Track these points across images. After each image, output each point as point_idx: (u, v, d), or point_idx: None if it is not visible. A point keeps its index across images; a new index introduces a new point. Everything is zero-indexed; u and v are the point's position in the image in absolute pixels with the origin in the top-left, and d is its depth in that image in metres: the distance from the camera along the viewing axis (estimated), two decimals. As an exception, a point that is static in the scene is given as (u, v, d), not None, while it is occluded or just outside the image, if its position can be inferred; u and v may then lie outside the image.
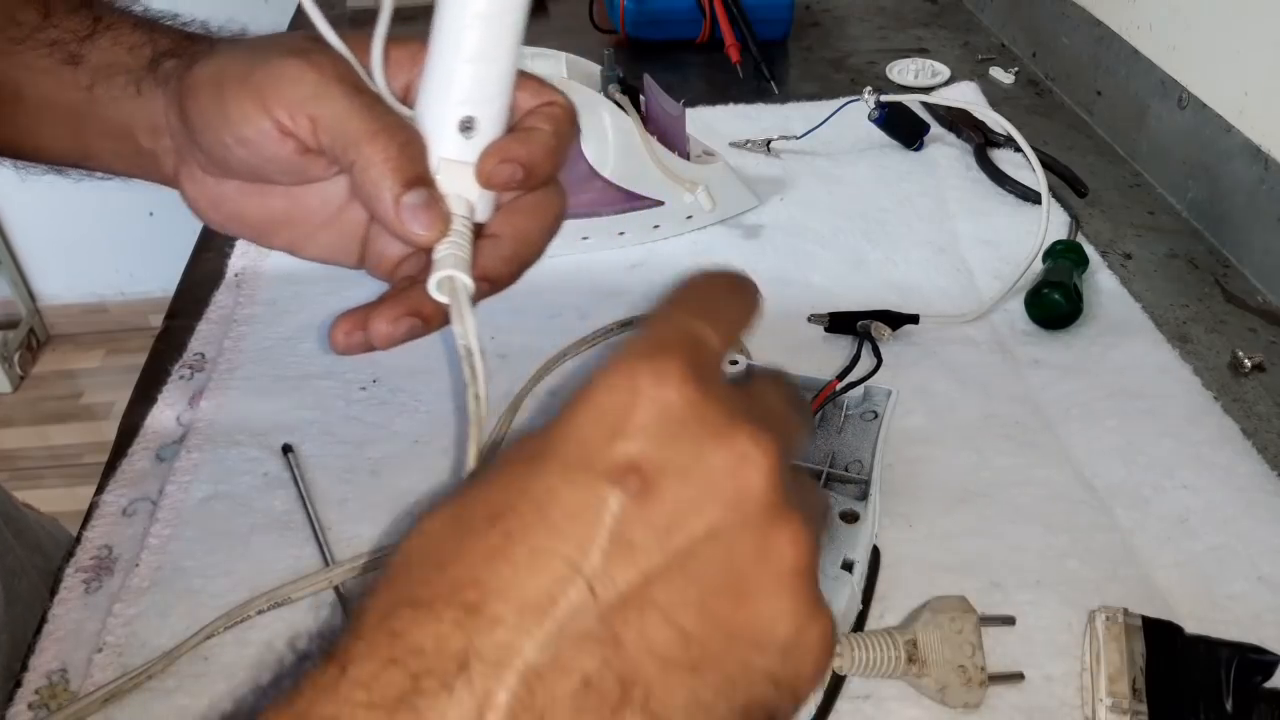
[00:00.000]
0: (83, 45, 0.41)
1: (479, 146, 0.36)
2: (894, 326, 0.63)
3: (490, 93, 0.35)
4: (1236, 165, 0.71)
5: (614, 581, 0.23)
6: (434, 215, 0.35)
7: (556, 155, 0.37)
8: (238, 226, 0.41)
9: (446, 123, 0.36)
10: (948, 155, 0.83)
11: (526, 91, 0.38)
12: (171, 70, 0.39)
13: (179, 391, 0.62)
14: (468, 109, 0.35)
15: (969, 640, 0.42)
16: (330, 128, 0.35)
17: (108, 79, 0.40)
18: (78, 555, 0.52)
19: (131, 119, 0.40)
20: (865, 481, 0.51)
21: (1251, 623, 0.46)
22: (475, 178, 0.36)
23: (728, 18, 0.99)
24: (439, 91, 0.35)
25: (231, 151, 0.37)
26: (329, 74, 0.36)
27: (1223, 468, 0.54)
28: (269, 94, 0.35)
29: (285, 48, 0.36)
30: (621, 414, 0.24)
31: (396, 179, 0.35)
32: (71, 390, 2.18)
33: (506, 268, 0.37)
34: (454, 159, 0.36)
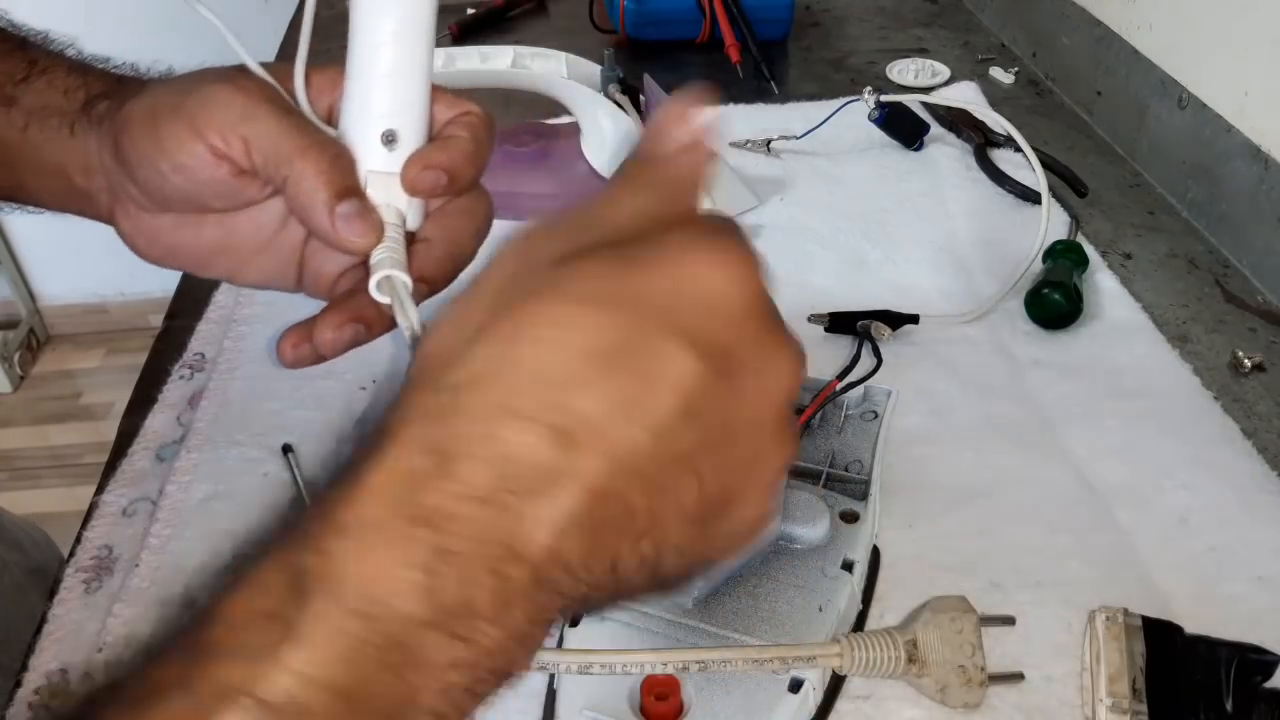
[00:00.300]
0: (17, 88, 0.42)
1: (402, 157, 0.38)
2: (894, 326, 0.63)
3: (408, 104, 0.38)
4: (1236, 165, 0.71)
5: (678, 439, 0.26)
6: (368, 222, 0.37)
7: (477, 160, 0.39)
8: (174, 259, 0.43)
9: (370, 137, 0.38)
10: (948, 155, 0.83)
11: (442, 104, 0.40)
12: (104, 111, 0.41)
13: (179, 391, 0.62)
14: (388, 122, 0.38)
15: (969, 640, 0.42)
16: (262, 147, 0.37)
17: (41, 120, 0.42)
18: (78, 555, 0.52)
19: (65, 159, 0.42)
20: (865, 481, 0.51)
21: (1251, 623, 0.46)
22: (401, 186, 0.38)
23: (728, 18, 0.99)
24: (360, 108, 0.38)
25: (168, 180, 0.38)
26: (257, 96, 0.37)
27: (1223, 468, 0.54)
28: (200, 119, 0.37)
29: (214, 76, 0.38)
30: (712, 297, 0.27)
31: (329, 190, 0.36)
32: (71, 390, 2.18)
33: (440, 269, 0.39)
34: (380, 170, 0.38)
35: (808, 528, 0.46)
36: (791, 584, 0.45)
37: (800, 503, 0.47)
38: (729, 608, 0.44)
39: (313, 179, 0.37)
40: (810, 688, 0.41)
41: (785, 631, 0.43)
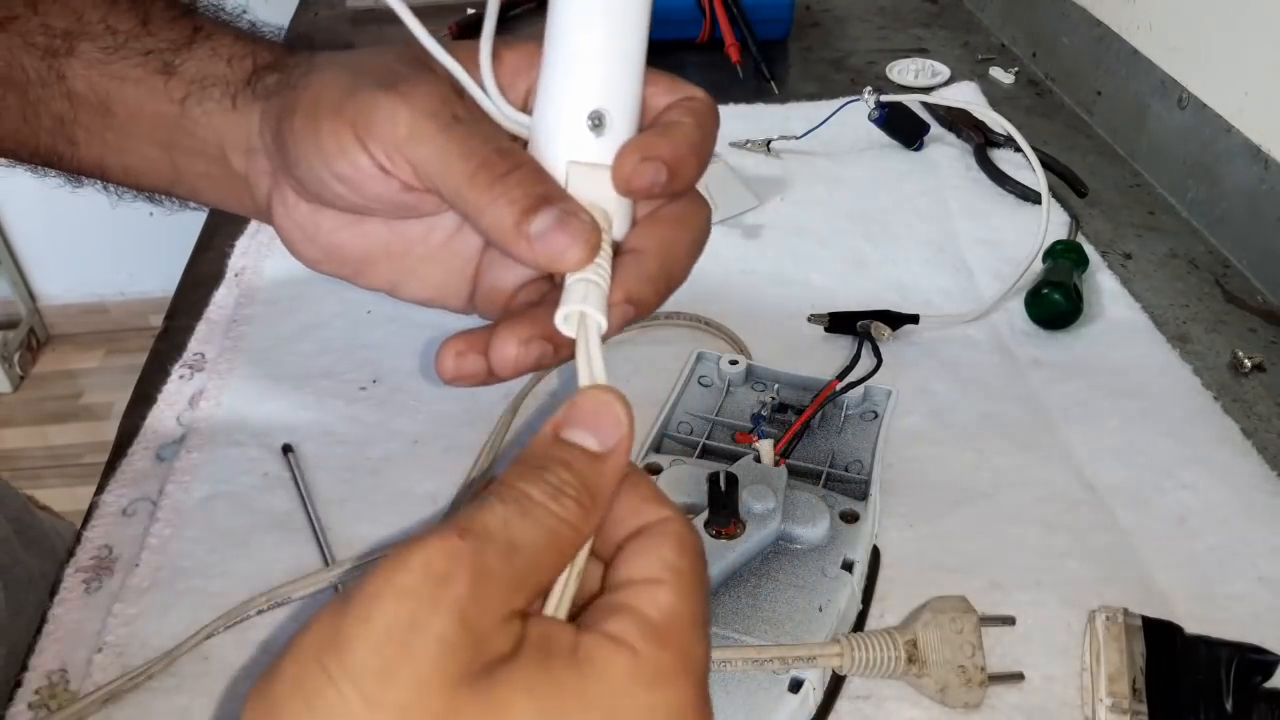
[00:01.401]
0: (178, 54, 0.38)
1: (613, 146, 0.31)
2: (894, 326, 0.63)
3: (622, 81, 0.31)
4: (1236, 165, 0.71)
5: None
6: (572, 231, 0.30)
7: (701, 153, 0.32)
8: (332, 263, 0.38)
9: (574, 120, 0.31)
10: (948, 155, 0.83)
11: (659, 87, 0.33)
12: (272, 86, 0.37)
13: (179, 391, 0.62)
14: (597, 101, 0.30)
15: (969, 640, 0.42)
16: (429, 172, 0.32)
17: (201, 91, 0.38)
18: (78, 555, 0.52)
19: (224, 136, 0.38)
20: (865, 481, 0.51)
21: (1251, 623, 0.46)
22: (612, 182, 0.31)
23: (728, 18, 0.99)
24: (562, 86, 0.31)
25: (328, 185, 0.34)
26: (422, 109, 0.32)
27: (1223, 468, 0.54)
28: (363, 130, 0.32)
29: (378, 78, 0.33)
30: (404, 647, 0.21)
31: (513, 210, 0.30)
32: (71, 390, 2.18)
33: (652, 288, 0.32)
34: (585, 161, 0.31)
35: (808, 528, 0.46)
36: (791, 584, 0.45)
37: (800, 503, 0.47)
38: (729, 608, 0.44)
39: (490, 206, 0.30)
40: (810, 688, 0.41)
41: (785, 631, 0.43)
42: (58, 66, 0.39)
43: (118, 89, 0.39)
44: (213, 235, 0.77)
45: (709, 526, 0.45)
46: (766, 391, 0.57)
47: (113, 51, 0.39)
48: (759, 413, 0.55)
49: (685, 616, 0.24)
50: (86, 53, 0.39)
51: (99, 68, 0.39)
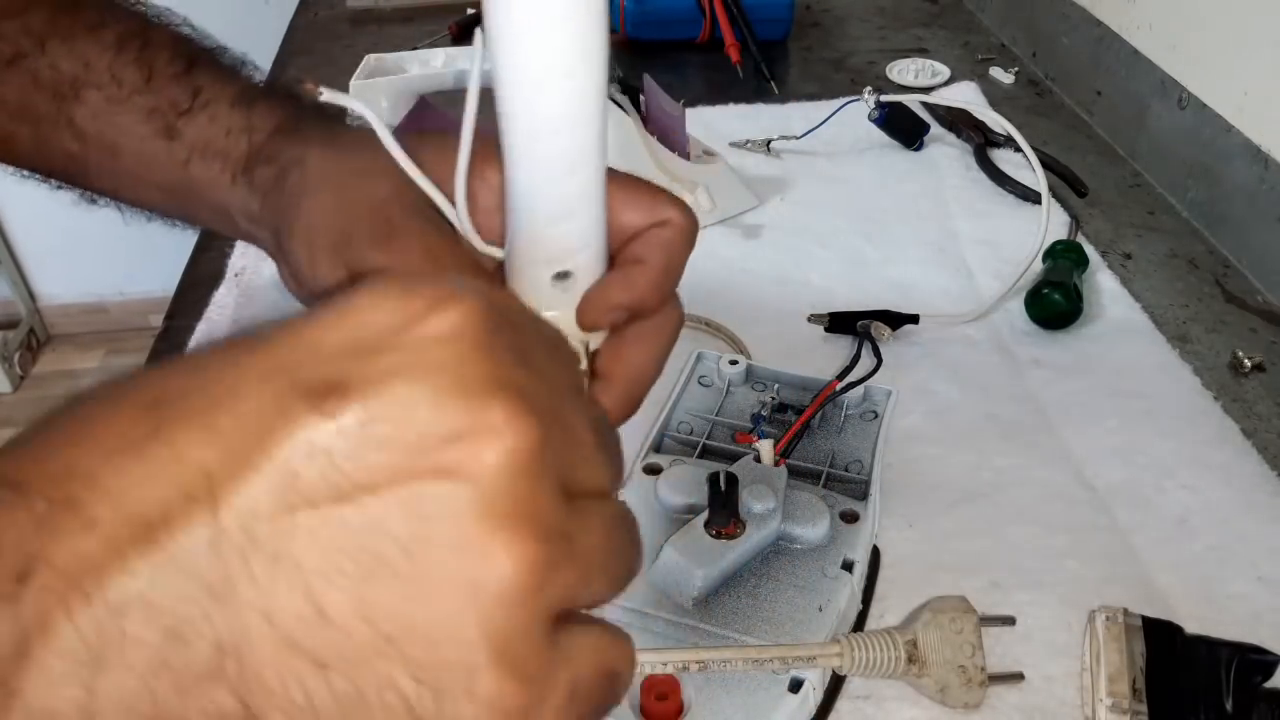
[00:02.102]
0: (180, 119, 0.40)
1: (578, 294, 0.33)
2: (894, 326, 0.62)
3: (581, 243, 0.32)
4: (1236, 165, 0.71)
5: (255, 518, 0.18)
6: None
7: (665, 287, 0.34)
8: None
9: (540, 282, 0.33)
10: (948, 155, 0.83)
11: (635, 210, 0.34)
12: (268, 182, 0.39)
13: (179, 391, 0.62)
14: (558, 265, 0.32)
15: (969, 640, 0.42)
16: None
17: (203, 159, 0.40)
18: (78, 555, 0.52)
19: (228, 203, 0.40)
20: (865, 481, 0.51)
21: (1251, 623, 0.46)
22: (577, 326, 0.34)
23: (728, 18, 0.99)
24: (525, 251, 0.33)
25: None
26: (414, 265, 0.34)
27: (1223, 468, 0.54)
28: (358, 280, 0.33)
29: (370, 226, 0.34)
30: (364, 327, 0.20)
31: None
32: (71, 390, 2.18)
33: (620, 409, 0.35)
34: (553, 312, 0.33)
35: (808, 528, 0.46)
36: (791, 584, 0.45)
37: (800, 503, 0.47)
38: (729, 608, 0.44)
39: None
40: (810, 688, 0.41)
41: (785, 631, 0.43)
42: (66, 110, 0.41)
43: (124, 140, 0.41)
44: (213, 235, 0.77)
45: (709, 526, 0.45)
46: (766, 391, 0.57)
47: (117, 103, 0.41)
48: (759, 413, 0.55)
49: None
50: (92, 100, 0.41)
51: (105, 118, 0.41)
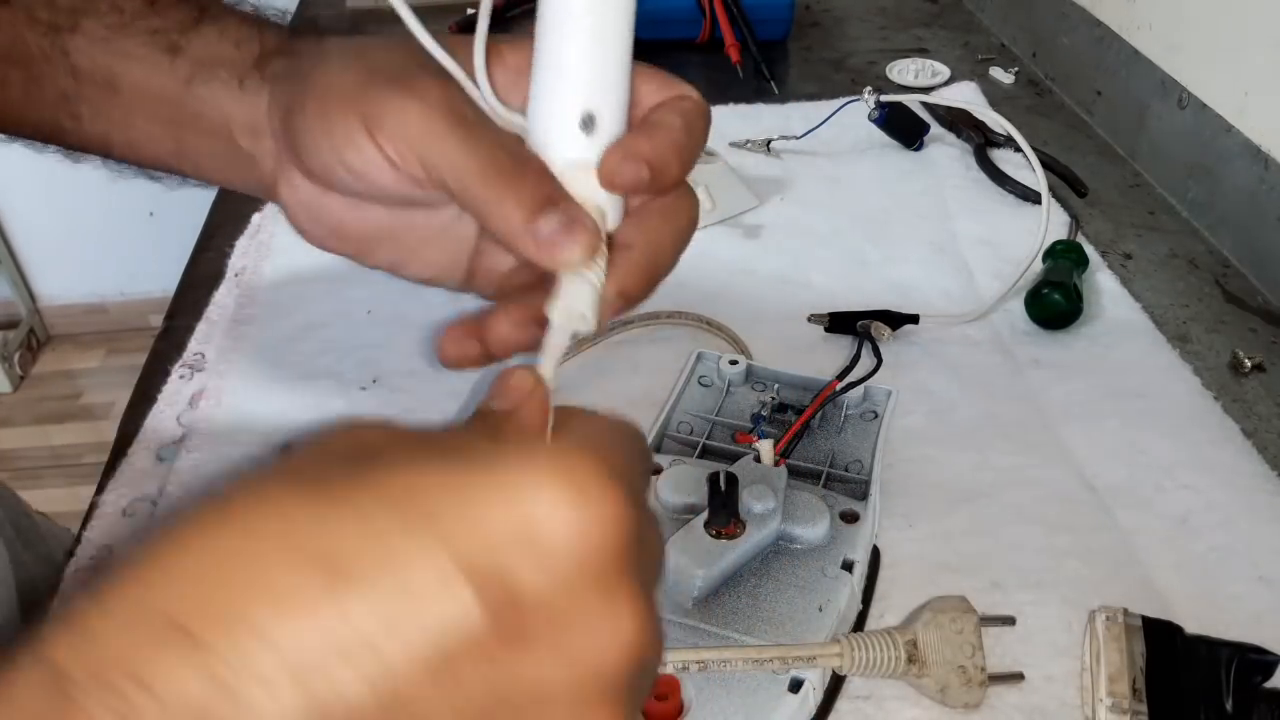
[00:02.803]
0: (185, 36, 0.38)
1: (603, 144, 0.33)
2: (894, 326, 0.62)
3: (610, 83, 0.32)
4: (1236, 165, 0.71)
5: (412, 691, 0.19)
6: (576, 231, 0.31)
7: (686, 153, 0.34)
8: (337, 242, 0.38)
9: (565, 122, 0.32)
10: (948, 155, 0.83)
11: (653, 84, 0.35)
12: (281, 70, 0.37)
13: (179, 391, 0.62)
14: (586, 104, 0.32)
15: (969, 640, 0.42)
16: (439, 169, 0.33)
17: (208, 72, 0.38)
18: (78, 555, 0.52)
19: (230, 117, 0.38)
20: (865, 481, 0.51)
21: (1251, 623, 0.46)
22: (597, 180, 0.33)
23: (728, 18, 0.99)
24: (552, 89, 0.32)
25: (337, 174, 0.35)
26: (433, 106, 0.33)
27: (1223, 468, 0.54)
28: (374, 125, 0.33)
29: (391, 75, 0.34)
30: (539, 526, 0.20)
31: (521, 211, 0.31)
32: (71, 390, 2.18)
33: (642, 280, 0.34)
34: (578, 160, 0.33)
35: (808, 528, 0.46)
36: (791, 584, 0.45)
37: (800, 503, 0.47)
38: (729, 608, 0.44)
39: (499, 203, 0.31)
40: (810, 688, 0.41)
41: (785, 631, 0.43)
42: (61, 43, 0.39)
43: (123, 66, 0.39)
44: (212, 235, 0.77)
45: (709, 526, 0.45)
46: (766, 391, 0.57)
47: (118, 29, 0.39)
48: (759, 413, 0.55)
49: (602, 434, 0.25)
50: (91, 30, 0.39)
51: (103, 45, 0.39)
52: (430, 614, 0.19)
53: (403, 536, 0.19)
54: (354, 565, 0.19)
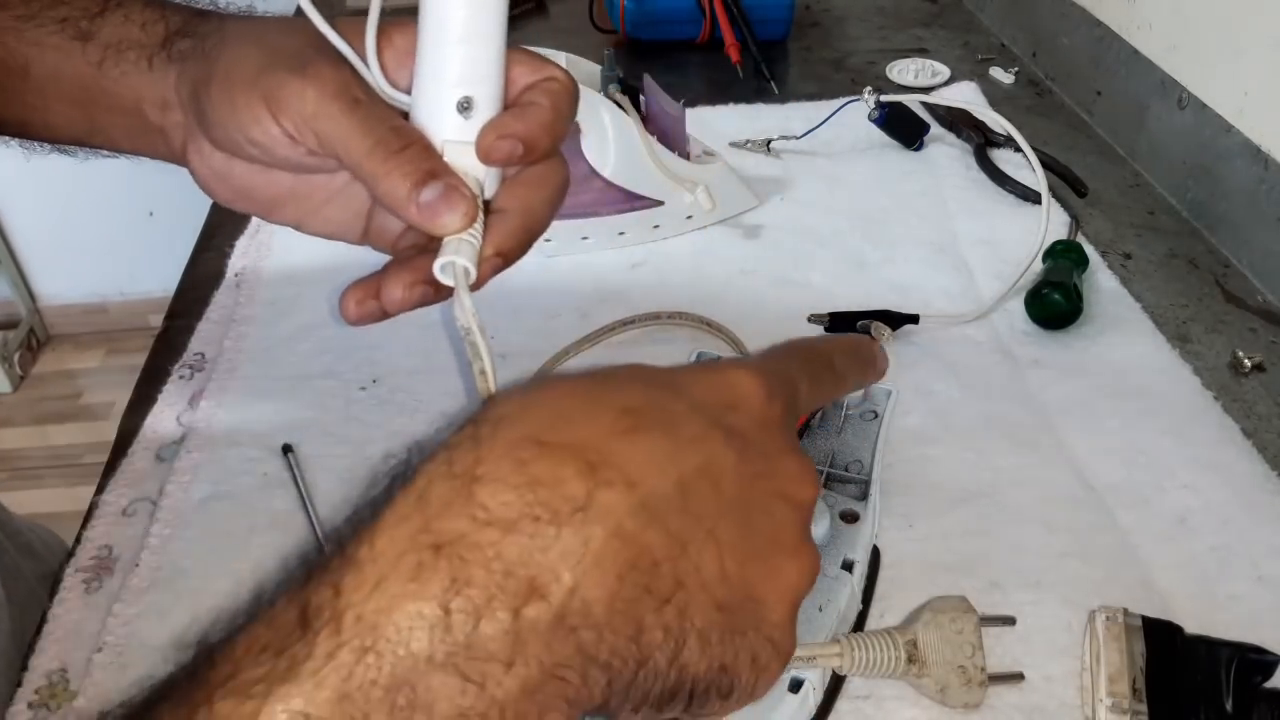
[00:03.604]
0: (93, 22, 0.41)
1: (478, 125, 0.37)
2: (894, 326, 0.63)
3: (484, 71, 0.36)
4: (1236, 165, 0.71)
5: (700, 499, 0.27)
6: (452, 202, 0.35)
7: (555, 129, 0.37)
8: (244, 202, 0.42)
9: (444, 105, 0.36)
10: (948, 155, 0.83)
11: (525, 67, 0.38)
12: (187, 50, 0.40)
13: (179, 391, 0.62)
14: (463, 89, 0.36)
15: (969, 641, 0.42)
16: (333, 145, 0.36)
17: (117, 54, 0.40)
18: (78, 555, 0.52)
19: (140, 94, 0.40)
20: (865, 481, 0.51)
21: (1251, 623, 0.46)
22: (475, 155, 0.37)
23: (728, 18, 0.99)
24: (433, 75, 0.36)
25: (242, 146, 0.38)
26: (327, 90, 0.36)
27: (1223, 468, 0.54)
28: (274, 105, 0.36)
29: (288, 58, 0.37)
30: (738, 396, 0.30)
31: (405, 182, 0.35)
32: (71, 390, 2.18)
33: (516, 241, 0.38)
34: (456, 140, 0.37)
35: (808, 528, 0.46)
36: (791, 584, 0.45)
37: (800, 503, 0.47)
38: (729, 608, 0.44)
39: (386, 177, 0.35)
40: (810, 688, 0.41)
41: (785, 631, 0.43)
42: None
43: (36, 54, 0.41)
44: (212, 235, 0.77)
45: (709, 526, 0.45)
46: (766, 391, 0.57)
47: (27, 20, 0.41)
48: (759, 413, 0.55)
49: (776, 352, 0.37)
50: (2, 20, 0.41)
51: (14, 34, 0.41)
52: (702, 447, 0.28)
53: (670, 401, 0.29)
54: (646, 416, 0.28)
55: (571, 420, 0.27)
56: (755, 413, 0.30)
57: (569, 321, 0.65)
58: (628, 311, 0.66)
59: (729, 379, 0.30)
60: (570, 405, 0.27)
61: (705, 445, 0.28)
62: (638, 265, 0.72)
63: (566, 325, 0.65)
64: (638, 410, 0.28)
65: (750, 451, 0.29)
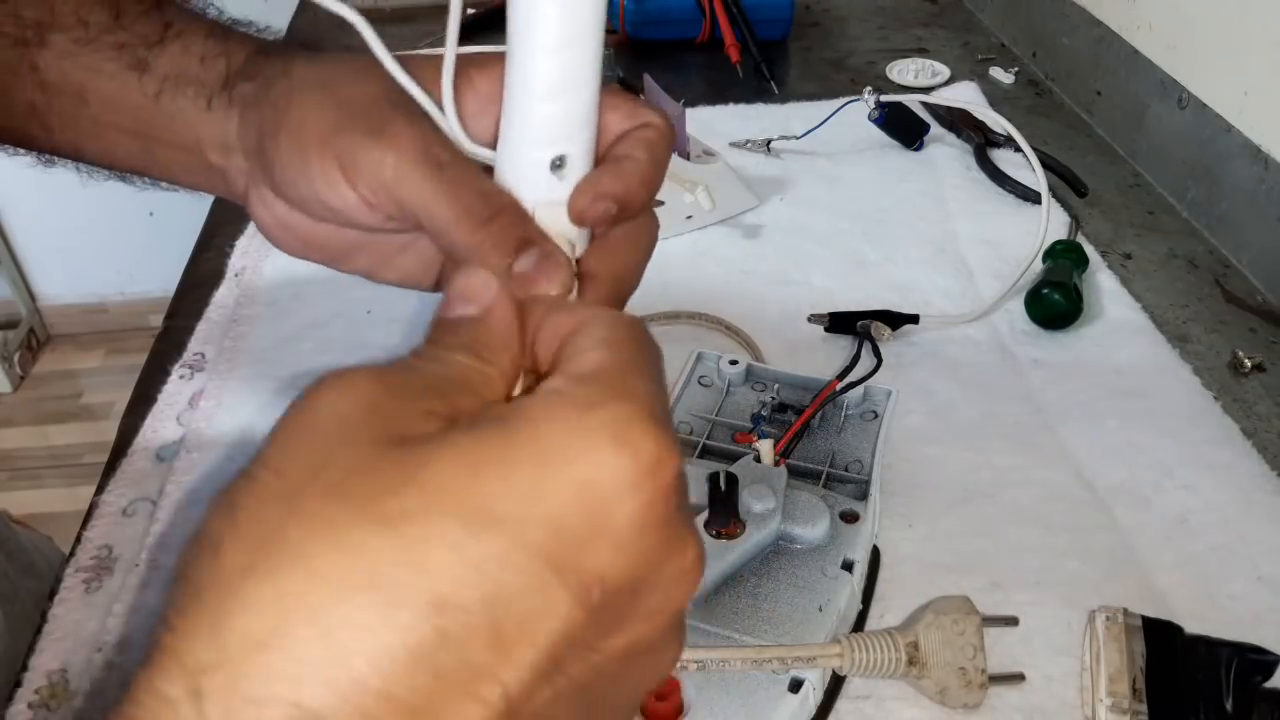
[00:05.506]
0: (151, 51, 0.39)
1: (571, 184, 0.34)
2: (894, 326, 0.62)
3: (578, 126, 0.33)
4: (1236, 165, 0.71)
5: (529, 700, 0.21)
6: (551, 270, 0.32)
7: (652, 184, 0.35)
8: (311, 253, 0.39)
9: (536, 166, 0.33)
10: (948, 155, 0.83)
11: (618, 113, 0.36)
12: (249, 95, 0.38)
13: (179, 391, 0.62)
14: (556, 148, 0.33)
15: (970, 642, 0.42)
16: (416, 213, 0.34)
17: (175, 89, 0.38)
18: (78, 555, 0.52)
19: (199, 133, 0.39)
20: (865, 481, 0.51)
21: (1251, 623, 0.46)
22: (567, 216, 0.34)
23: (728, 18, 0.99)
24: (522, 133, 0.33)
25: (313, 208, 0.36)
26: (407, 155, 0.34)
27: (1223, 468, 0.54)
28: (350, 170, 0.34)
29: (363, 118, 0.34)
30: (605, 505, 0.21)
31: (497, 253, 0.32)
32: (71, 390, 2.18)
33: (610, 305, 0.35)
34: (548, 201, 0.34)
35: (808, 528, 0.46)
36: (791, 584, 0.45)
37: (800, 503, 0.47)
38: (729, 608, 0.44)
39: (477, 248, 0.32)
40: (810, 688, 0.41)
41: (785, 631, 0.43)
42: (29, 57, 0.39)
43: (91, 81, 0.39)
44: (213, 235, 0.77)
45: (709, 526, 0.45)
46: (766, 391, 0.57)
47: (85, 44, 0.39)
48: (759, 413, 0.55)
49: (620, 362, 0.24)
50: (58, 44, 0.39)
51: (71, 60, 0.39)
52: (539, 627, 0.20)
53: (498, 566, 0.20)
54: (457, 596, 0.20)
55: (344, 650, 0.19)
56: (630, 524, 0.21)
57: (569, 321, 0.65)
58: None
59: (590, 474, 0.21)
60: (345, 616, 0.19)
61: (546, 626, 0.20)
62: (638, 265, 0.71)
63: (566, 325, 0.65)
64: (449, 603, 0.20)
65: (613, 594, 0.21)
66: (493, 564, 0.20)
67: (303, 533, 0.20)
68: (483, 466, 0.21)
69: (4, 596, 0.58)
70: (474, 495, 0.20)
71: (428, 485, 0.20)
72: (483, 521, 0.20)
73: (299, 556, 0.20)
